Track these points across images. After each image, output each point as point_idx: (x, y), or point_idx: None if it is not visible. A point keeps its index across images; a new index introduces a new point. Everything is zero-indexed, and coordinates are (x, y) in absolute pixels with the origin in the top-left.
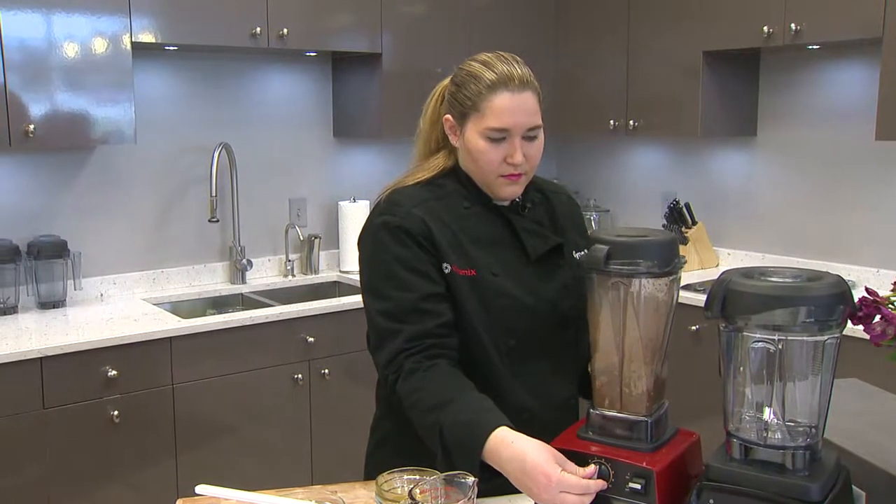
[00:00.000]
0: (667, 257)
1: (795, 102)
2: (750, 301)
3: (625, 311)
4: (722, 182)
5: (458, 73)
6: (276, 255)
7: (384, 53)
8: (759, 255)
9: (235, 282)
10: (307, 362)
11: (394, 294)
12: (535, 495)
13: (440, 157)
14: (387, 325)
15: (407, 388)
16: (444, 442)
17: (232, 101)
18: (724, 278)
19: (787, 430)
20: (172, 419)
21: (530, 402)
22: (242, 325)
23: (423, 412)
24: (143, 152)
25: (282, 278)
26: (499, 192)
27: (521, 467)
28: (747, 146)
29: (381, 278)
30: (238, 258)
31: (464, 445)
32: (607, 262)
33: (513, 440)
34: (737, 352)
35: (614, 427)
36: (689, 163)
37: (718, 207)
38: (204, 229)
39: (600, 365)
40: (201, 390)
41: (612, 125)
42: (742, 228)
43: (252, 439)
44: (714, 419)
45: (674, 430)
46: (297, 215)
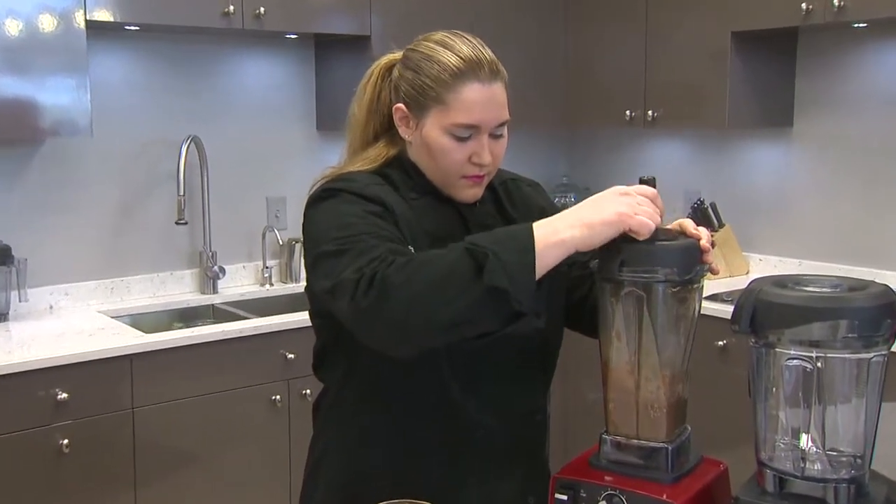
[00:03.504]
0: (688, 264)
1: (837, 89)
2: (783, 313)
3: (640, 323)
4: (753, 179)
5: (411, 55)
6: (251, 261)
7: (373, 36)
8: (795, 262)
9: (206, 291)
10: (286, 382)
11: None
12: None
13: (380, 146)
14: (356, 248)
15: (399, 264)
16: (478, 249)
17: (202, 89)
18: (754, 287)
19: (827, 461)
20: (132, 448)
21: (487, 416)
22: (213, 340)
23: (431, 258)
24: (100, 146)
25: (258, 287)
26: (459, 193)
27: (582, 204)
28: (782, 139)
29: (342, 230)
30: (209, 265)
31: (508, 240)
32: (621, 269)
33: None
34: (769, 371)
35: (630, 455)
36: (715, 158)
37: (749, 208)
38: (170, 233)
39: (613, 385)
40: (165, 414)
41: (629, 116)
42: (775, 231)
43: (223, 469)
44: (744, 447)
45: (698, 458)
46: (275, 217)
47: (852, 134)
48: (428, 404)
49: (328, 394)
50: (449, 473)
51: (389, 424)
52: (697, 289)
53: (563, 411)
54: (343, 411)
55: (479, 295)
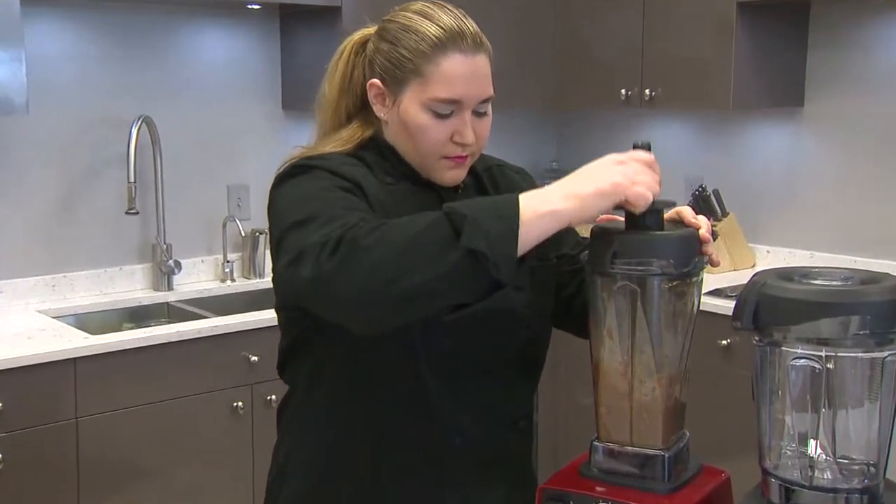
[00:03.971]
0: (686, 255)
1: (853, 65)
2: (789, 309)
3: (634, 320)
4: (760, 164)
5: (388, 27)
6: (210, 255)
7: (344, 7)
8: (806, 254)
9: (160, 288)
10: (250, 387)
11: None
12: (602, 171)
13: (354, 127)
14: (326, 215)
15: (370, 227)
16: (456, 213)
17: (155, 64)
18: (758, 280)
19: (838, 469)
20: (75, 462)
21: (467, 422)
22: (168, 341)
23: (404, 221)
24: (38, 126)
25: (218, 284)
26: (439, 176)
27: (575, 175)
28: (792, 120)
29: (310, 201)
30: (163, 259)
31: (490, 207)
32: (613, 261)
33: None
34: (774, 371)
35: (623, 464)
36: (718, 141)
37: (755, 195)
38: (120, 224)
39: (605, 387)
40: (114, 425)
41: (624, 95)
42: (784, 221)
43: (179, 485)
44: (747, 454)
45: (697, 467)
46: (237, 206)
47: (869, 115)
48: (402, 407)
49: (294, 395)
50: (424, 483)
51: (360, 429)
52: (696, 282)
53: (553, 418)
54: (310, 414)
55: (454, 260)
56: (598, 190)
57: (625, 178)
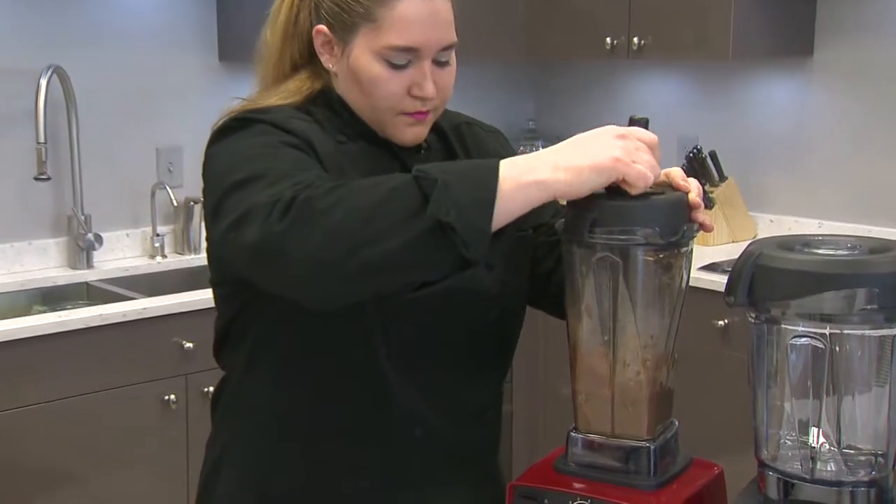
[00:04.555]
0: (673, 223)
1: (870, 8)
2: (788, 281)
3: (615, 296)
4: (762, 122)
5: None
6: (137, 227)
7: None
8: (814, 223)
9: (78, 266)
10: (184, 378)
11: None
12: (601, 143)
13: (301, 79)
14: (274, 173)
15: (328, 187)
16: (426, 177)
17: (68, 7)
18: (753, 250)
19: (843, 460)
20: None
21: (428, 413)
22: (88, 326)
23: (368, 183)
24: None
25: (147, 260)
26: (397, 134)
27: (568, 143)
28: (799, 71)
29: (254, 160)
30: (81, 232)
31: (466, 172)
32: (592, 229)
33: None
34: (772, 352)
35: (604, 457)
36: (716, 96)
37: (757, 157)
38: (28, 191)
39: (584, 372)
40: (24, 423)
41: (610, 45)
42: (790, 185)
43: (103, 491)
44: (743, 446)
45: (687, 460)
46: (168, 171)
47: (888, 65)
48: (355, 395)
49: (231, 381)
50: (380, 479)
51: (307, 418)
52: (685, 253)
53: (530, 408)
54: (249, 402)
55: (418, 232)
56: (596, 164)
57: (625, 155)
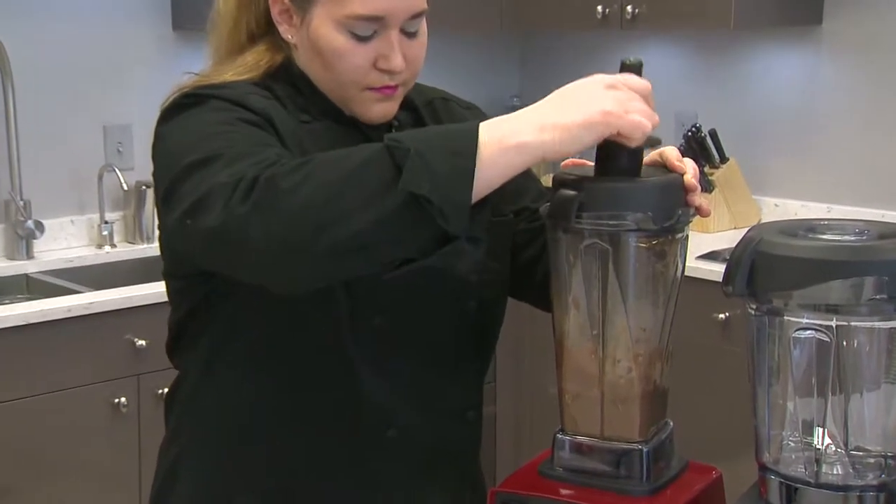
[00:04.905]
0: (667, 207)
1: None
2: (791, 269)
3: (605, 286)
4: (767, 97)
5: None
6: (83, 213)
7: None
8: (823, 207)
9: (16, 256)
10: (135, 378)
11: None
12: (590, 96)
13: (259, 51)
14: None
15: (293, 164)
16: (399, 146)
17: None
18: (753, 237)
19: (850, 463)
20: None
21: (402, 412)
22: (28, 322)
23: (336, 156)
24: None
25: (94, 250)
26: (364, 111)
27: (553, 99)
28: (807, 41)
29: (210, 139)
30: (20, 219)
31: (441, 138)
32: (579, 213)
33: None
34: (773, 346)
35: (593, 460)
36: (716, 69)
37: (761, 136)
38: None
39: (571, 369)
40: None
41: (601, 14)
42: (797, 167)
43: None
44: (743, 448)
45: (682, 463)
46: (117, 152)
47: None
48: (324, 393)
49: (186, 381)
50: (350, 484)
51: (272, 419)
52: (681, 240)
53: (515, 409)
54: (207, 403)
55: (392, 206)
56: (585, 120)
57: (617, 106)
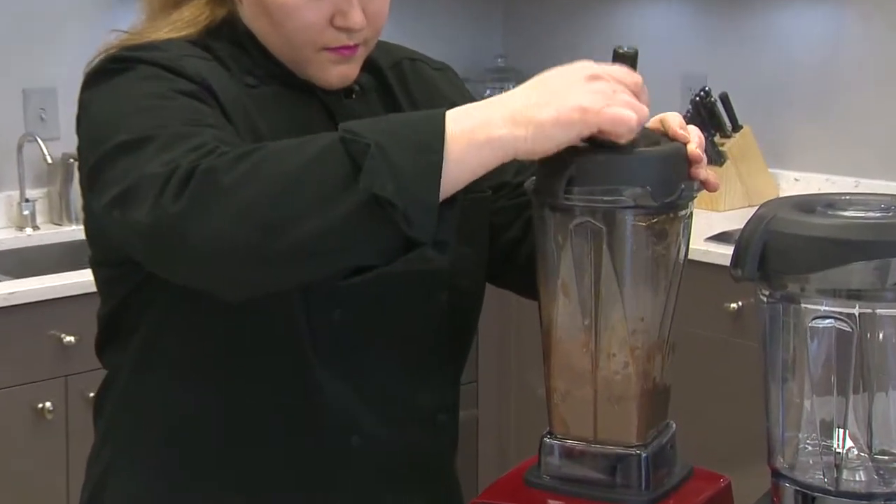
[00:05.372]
0: (668, 180)
1: None
2: (808, 250)
3: (598, 271)
4: (786, 57)
5: None
6: (1, 190)
7: None
8: (850, 182)
9: None
10: (63, 380)
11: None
12: (567, 88)
13: (198, 5)
14: (165, 135)
15: (234, 155)
16: (356, 140)
17: None
18: (765, 214)
19: (874, 468)
20: None
21: (366, 417)
22: None
23: (283, 149)
24: None
25: (14, 233)
26: (320, 75)
27: (529, 87)
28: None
29: (141, 115)
30: None
31: (404, 131)
32: (569, 189)
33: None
34: (788, 337)
35: (586, 467)
36: (728, 26)
37: (779, 101)
38: None
39: (560, 364)
40: None
41: None
42: (821, 136)
43: None
44: (755, 452)
45: (686, 470)
46: (39, 119)
47: None
48: (278, 397)
49: (118, 382)
50: (309, 498)
51: (215, 428)
52: (684, 218)
53: (499, 412)
54: (141, 407)
55: (350, 208)
56: (560, 116)
57: (596, 101)
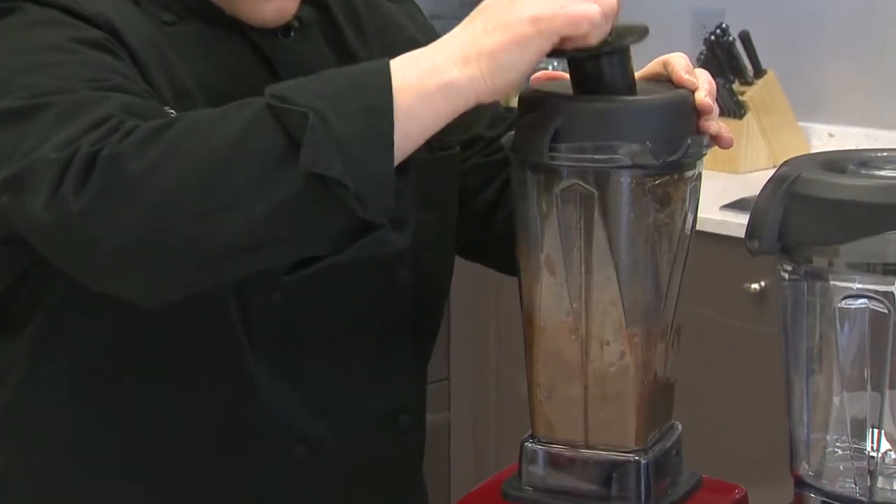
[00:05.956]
0: (672, 135)
1: None
2: (837, 217)
3: (589, 243)
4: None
5: None
6: None
7: None
8: (894, 136)
9: None
10: None
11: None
12: (513, 4)
13: None
14: (59, 105)
15: (142, 134)
16: (289, 108)
17: None
18: (786, 174)
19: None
20: None
21: (313, 421)
22: None
23: (201, 123)
24: None
25: None
26: (251, 10)
27: (475, 16)
28: None
29: (27, 74)
30: None
31: (344, 90)
32: (553, 145)
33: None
34: (814, 321)
35: (576, 476)
36: None
37: (811, 40)
38: None
39: (544, 353)
40: None
41: None
42: (860, 83)
43: None
44: (775, 457)
45: (694, 480)
46: None
47: None
48: (207, 397)
49: (7, 380)
50: None
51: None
52: (691, 180)
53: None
54: (36, 413)
55: (290, 191)
56: (511, 38)
57: (549, 5)
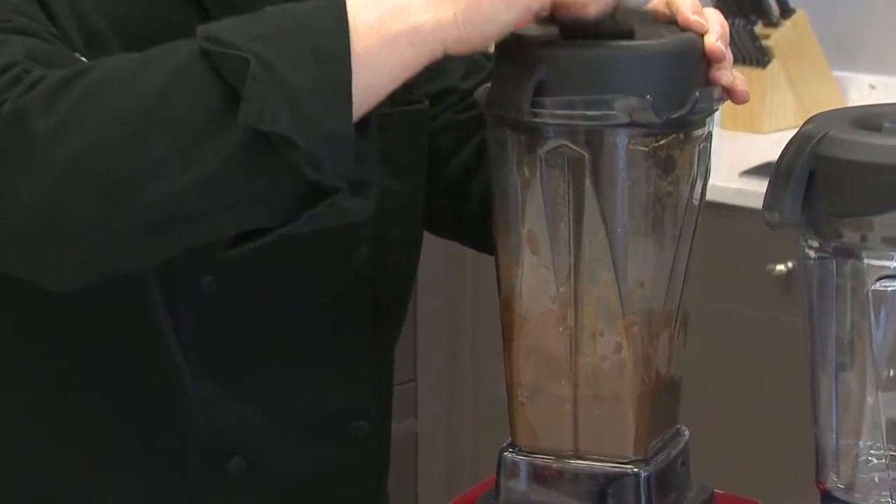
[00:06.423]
0: (677, 87)
1: None
2: (870, 184)
3: (579, 215)
4: None
5: None
6: None
7: None
8: None
9: None
10: None
11: None
12: None
13: None
14: None
15: (49, 87)
16: (227, 52)
17: None
18: (812, 132)
19: None
20: None
21: (252, 430)
22: None
23: (120, 71)
24: None
25: None
26: None
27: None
28: None
29: None
30: None
31: (292, 32)
32: (537, 99)
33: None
34: (844, 306)
35: (563, 491)
36: None
37: None
38: None
39: (525, 347)
40: None
41: None
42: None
43: None
44: (798, 468)
45: (705, 495)
46: None
47: None
48: (125, 406)
49: None
50: None
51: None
52: (700, 140)
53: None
54: None
55: (229, 151)
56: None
57: None
